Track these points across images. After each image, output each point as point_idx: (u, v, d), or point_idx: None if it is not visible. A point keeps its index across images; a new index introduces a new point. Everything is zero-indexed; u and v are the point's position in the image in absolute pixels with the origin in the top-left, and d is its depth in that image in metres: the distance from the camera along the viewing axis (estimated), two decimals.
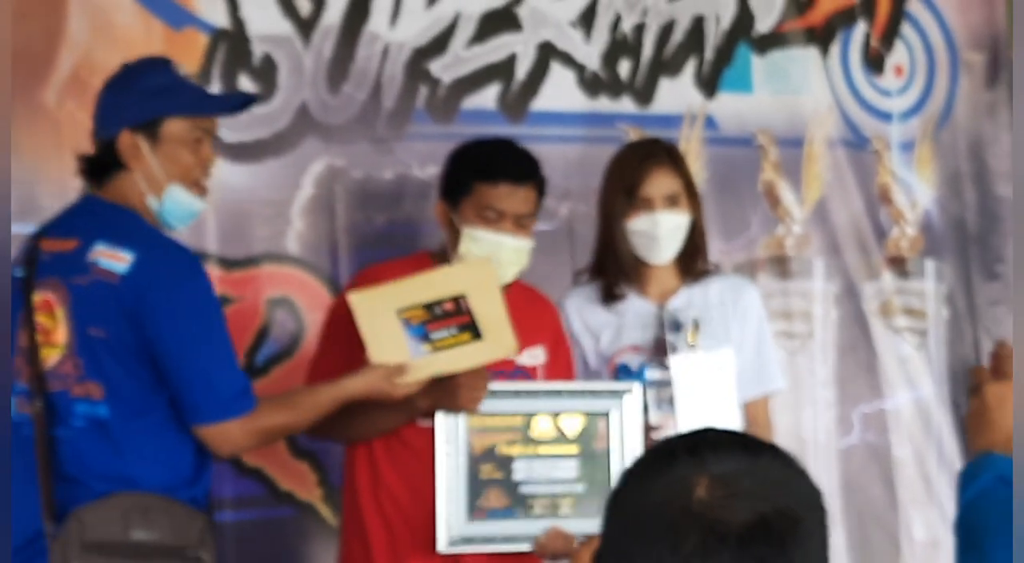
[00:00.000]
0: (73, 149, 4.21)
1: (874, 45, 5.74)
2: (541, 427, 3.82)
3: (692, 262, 4.16)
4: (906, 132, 5.81)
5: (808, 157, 5.55)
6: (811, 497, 1.70)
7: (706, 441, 1.71)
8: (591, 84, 5.14)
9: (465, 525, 3.77)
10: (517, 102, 5.00)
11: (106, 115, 3.54)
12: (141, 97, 3.49)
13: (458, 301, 3.67)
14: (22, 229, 4.15)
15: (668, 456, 1.70)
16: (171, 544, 3.41)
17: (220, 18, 4.52)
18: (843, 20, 5.67)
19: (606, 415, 3.85)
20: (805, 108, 5.57)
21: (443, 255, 3.93)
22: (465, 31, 4.90)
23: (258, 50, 4.58)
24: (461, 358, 3.69)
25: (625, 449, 3.82)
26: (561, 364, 4.03)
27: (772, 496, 1.65)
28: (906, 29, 5.82)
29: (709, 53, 5.35)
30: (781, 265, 5.47)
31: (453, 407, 3.74)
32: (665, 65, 5.27)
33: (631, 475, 1.74)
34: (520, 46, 5.01)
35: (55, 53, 4.30)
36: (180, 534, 3.43)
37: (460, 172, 3.89)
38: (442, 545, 3.74)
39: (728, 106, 5.39)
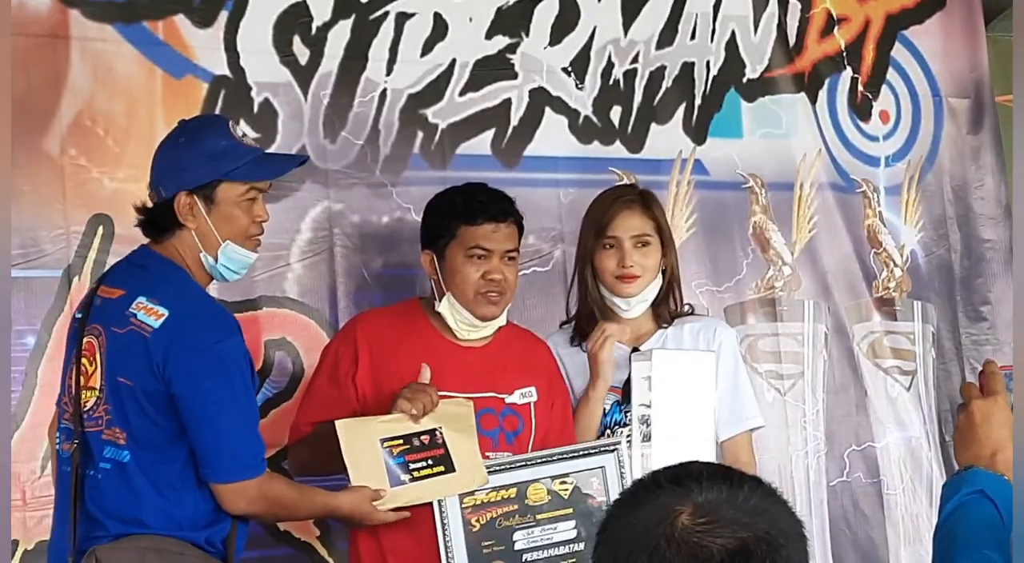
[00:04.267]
0: (75, 196, 4.29)
1: (861, 91, 5.80)
2: (536, 494, 3.86)
3: (665, 305, 4.20)
4: (893, 176, 5.84)
5: (797, 201, 5.60)
6: (792, 525, 1.76)
7: (690, 473, 1.77)
8: (584, 129, 5.18)
9: None
10: (511, 147, 5.03)
11: (165, 175, 3.59)
12: (200, 160, 3.55)
13: (433, 434, 3.80)
14: (24, 274, 4.22)
15: (654, 486, 1.76)
16: None
17: (220, 66, 4.57)
18: (830, 67, 5.73)
19: (600, 470, 3.89)
20: (794, 153, 5.60)
21: (432, 302, 4.00)
22: (460, 78, 4.96)
23: (258, 97, 4.63)
24: (436, 488, 3.80)
25: None
26: (558, 401, 4.06)
27: (753, 523, 1.71)
28: (892, 76, 5.87)
29: (699, 99, 5.40)
30: (771, 307, 5.50)
31: None
32: (656, 111, 5.32)
33: (619, 505, 1.80)
34: (514, 92, 5.05)
35: (57, 101, 4.33)
36: None
37: (443, 219, 3.96)
38: None
39: (718, 151, 5.42)
